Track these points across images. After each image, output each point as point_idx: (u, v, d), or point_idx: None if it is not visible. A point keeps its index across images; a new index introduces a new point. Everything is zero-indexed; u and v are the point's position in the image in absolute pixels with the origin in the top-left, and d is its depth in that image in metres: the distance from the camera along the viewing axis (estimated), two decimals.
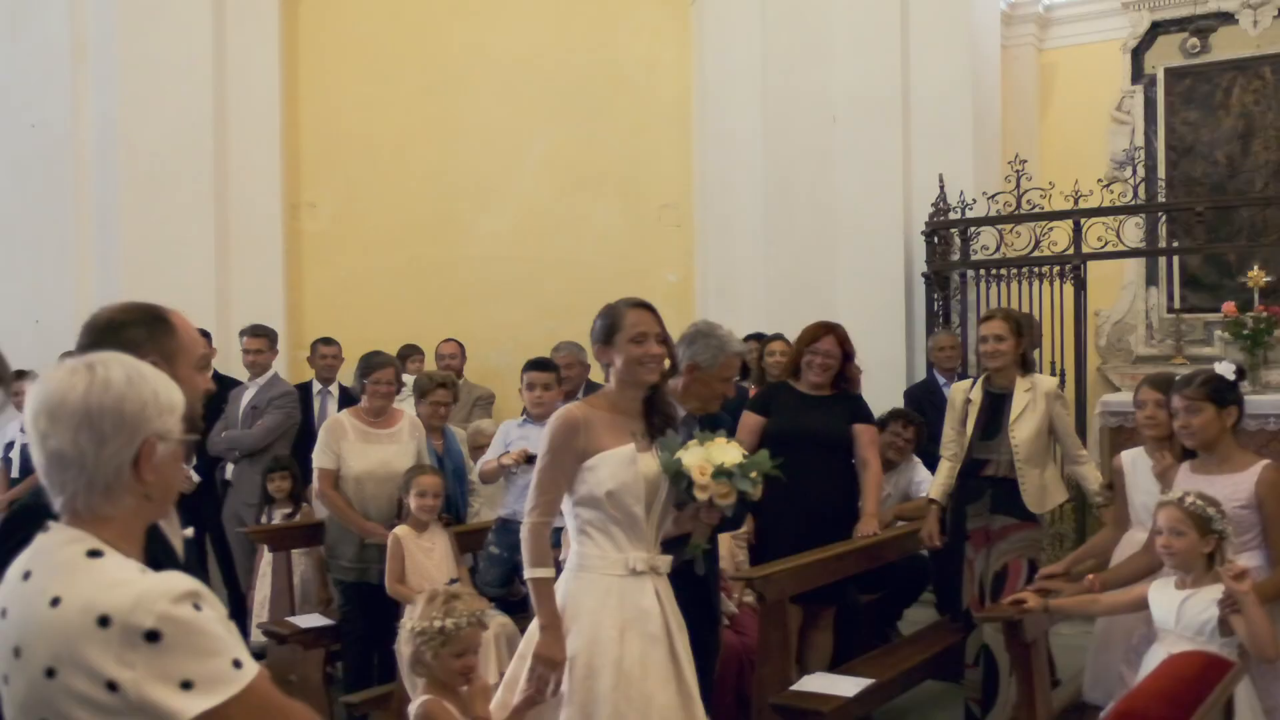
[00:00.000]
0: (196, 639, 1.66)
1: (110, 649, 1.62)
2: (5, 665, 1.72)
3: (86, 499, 1.75)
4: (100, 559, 1.71)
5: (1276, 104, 9.63)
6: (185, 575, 1.73)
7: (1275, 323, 9.07)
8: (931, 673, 5.62)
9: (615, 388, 3.45)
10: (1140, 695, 2.57)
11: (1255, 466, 3.91)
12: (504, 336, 8.92)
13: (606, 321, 3.47)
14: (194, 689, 1.64)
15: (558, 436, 3.33)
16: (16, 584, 1.74)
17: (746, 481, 3.30)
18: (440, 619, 3.12)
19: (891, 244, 8.64)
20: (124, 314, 2.28)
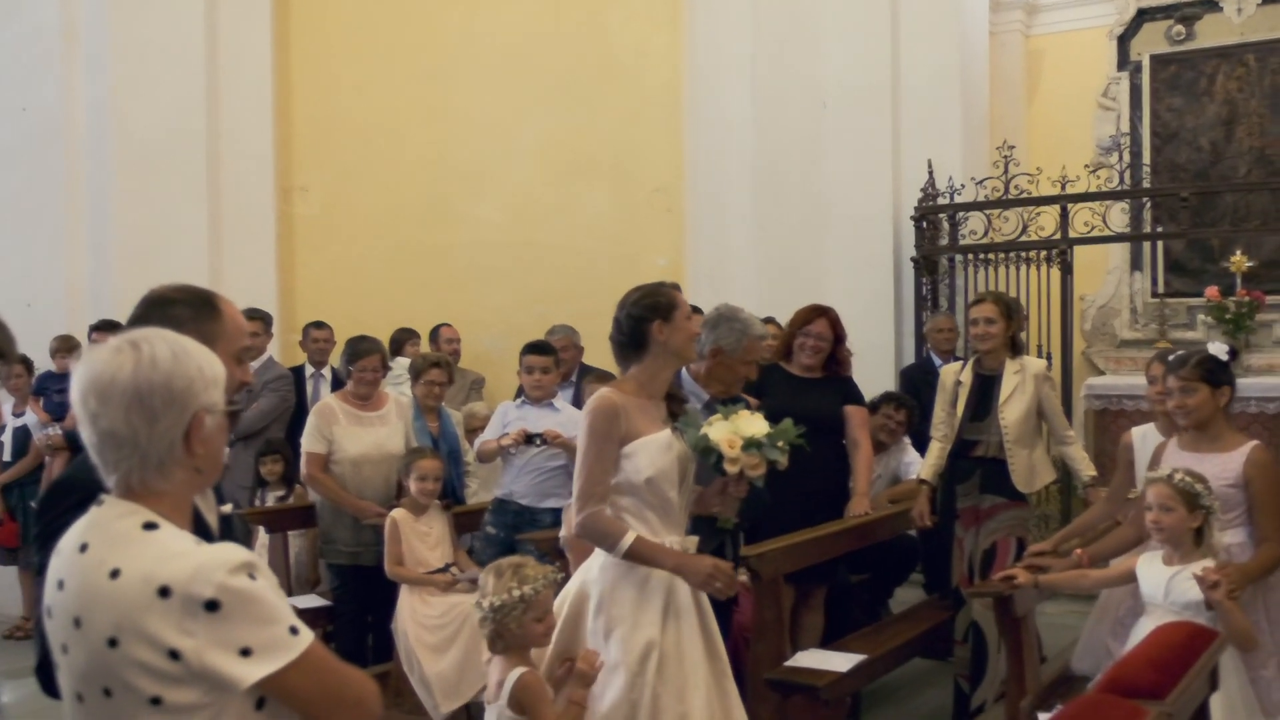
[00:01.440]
0: (254, 608, 1.71)
1: (171, 619, 1.67)
2: (65, 635, 1.76)
3: (141, 475, 1.78)
4: (156, 531, 1.76)
5: (1260, 91, 9.72)
6: (239, 546, 1.78)
7: (1257, 307, 9.20)
8: (920, 650, 5.70)
9: (650, 370, 3.40)
10: (1130, 663, 2.65)
11: (1244, 446, 3.99)
12: (495, 321, 8.95)
13: (662, 300, 3.42)
14: (253, 656, 1.69)
15: (600, 424, 3.28)
16: (73, 556, 1.77)
17: (776, 451, 3.32)
18: (517, 588, 3.11)
19: (881, 229, 8.70)
20: (176, 292, 2.32)
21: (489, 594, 3.15)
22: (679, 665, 3.22)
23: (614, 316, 3.48)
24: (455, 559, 5.45)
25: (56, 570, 1.80)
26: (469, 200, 9.22)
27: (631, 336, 3.40)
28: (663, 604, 3.23)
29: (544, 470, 5.66)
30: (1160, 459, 4.17)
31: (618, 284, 9.42)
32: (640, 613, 3.21)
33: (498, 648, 3.18)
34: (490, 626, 3.16)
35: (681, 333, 3.41)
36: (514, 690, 3.09)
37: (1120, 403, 9.01)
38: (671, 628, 3.23)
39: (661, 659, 3.19)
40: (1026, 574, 4.11)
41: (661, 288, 3.48)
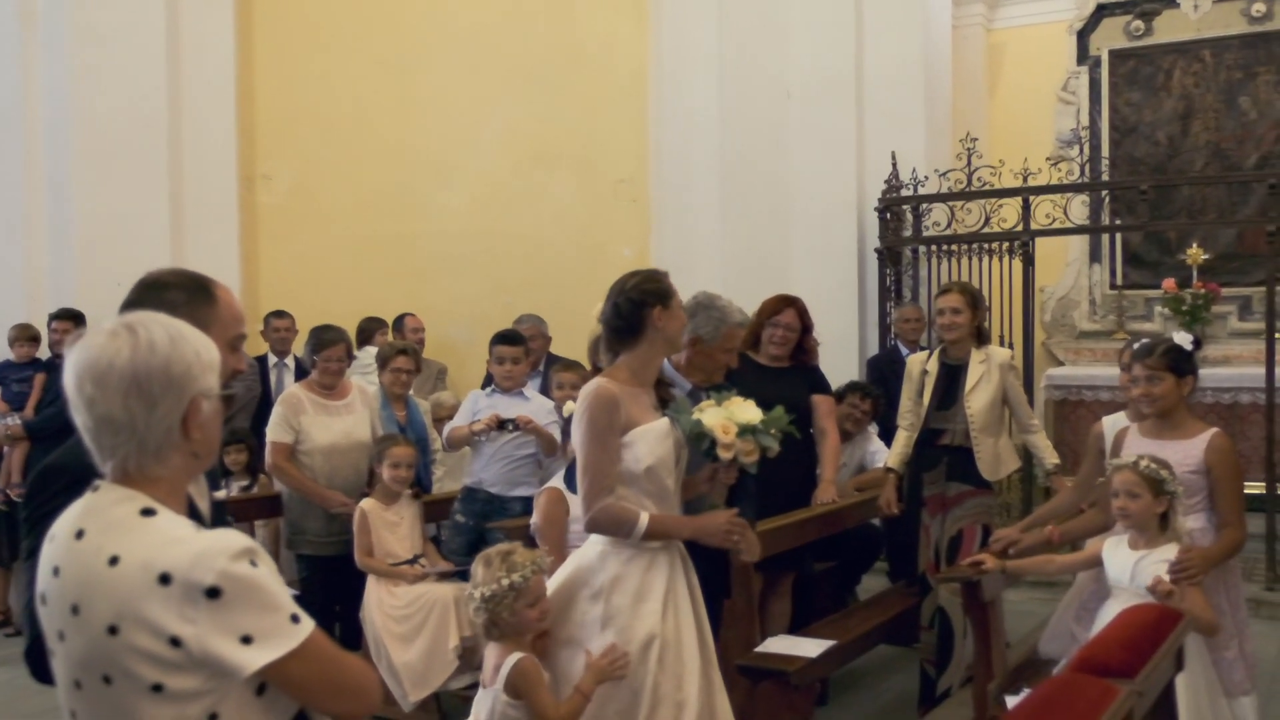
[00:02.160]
0: (255, 595, 1.69)
1: (172, 606, 1.66)
2: (61, 622, 1.74)
3: (138, 461, 1.76)
4: (154, 517, 1.74)
5: (1215, 86, 9.89)
6: (239, 533, 1.76)
7: (1213, 299, 9.36)
8: (886, 637, 5.76)
9: (643, 357, 3.37)
10: (1100, 644, 2.71)
11: (1205, 434, 4.06)
12: (461, 310, 8.93)
13: (662, 286, 3.40)
14: (254, 644, 1.68)
15: (600, 416, 3.23)
16: (69, 542, 1.75)
17: (769, 437, 3.32)
18: (506, 576, 3.10)
19: (845, 220, 8.76)
20: (171, 276, 2.29)
21: (479, 584, 3.13)
22: (677, 654, 3.22)
23: (610, 300, 3.41)
24: (424, 550, 5.44)
25: (51, 557, 1.78)
26: (434, 189, 9.19)
27: (629, 321, 3.35)
28: (664, 594, 3.23)
29: (514, 459, 5.66)
30: (1122, 445, 4.23)
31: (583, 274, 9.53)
32: (642, 603, 3.20)
33: (493, 635, 3.17)
34: (484, 616, 3.14)
35: (677, 320, 3.41)
36: (510, 676, 3.09)
37: (1080, 393, 9.15)
38: (670, 617, 3.23)
39: (662, 648, 3.19)
40: (994, 559, 4.16)
41: (659, 274, 3.44)
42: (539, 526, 4.94)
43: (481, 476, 5.68)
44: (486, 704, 3.15)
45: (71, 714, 1.79)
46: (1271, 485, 7.08)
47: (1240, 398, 8.45)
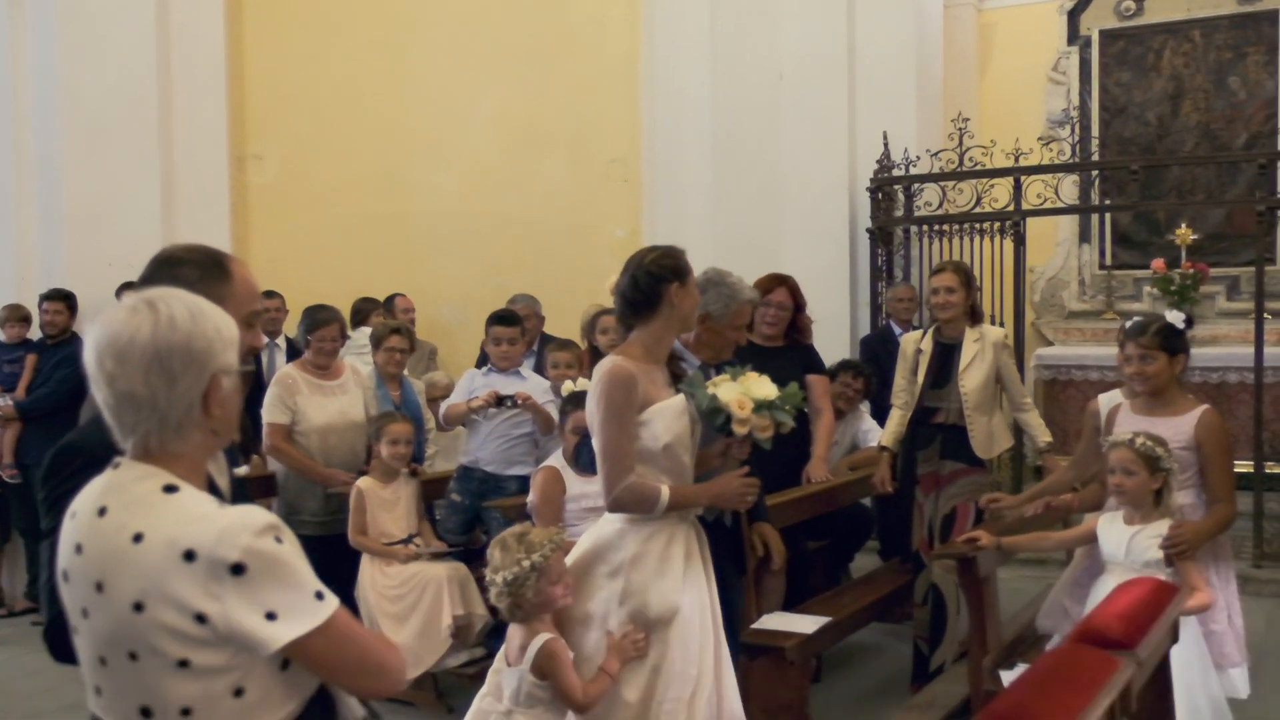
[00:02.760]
0: (280, 571, 1.70)
1: (197, 582, 1.66)
2: (85, 599, 1.74)
3: (159, 437, 1.76)
4: (176, 494, 1.74)
5: (1205, 67, 9.92)
6: (262, 509, 1.76)
7: (1201, 279, 9.41)
8: (878, 615, 5.81)
9: (656, 334, 3.36)
10: (1100, 615, 2.74)
11: (1196, 410, 4.10)
12: (452, 291, 8.93)
13: (681, 263, 3.39)
14: (279, 620, 1.68)
15: (618, 395, 3.21)
16: (91, 520, 1.75)
17: (784, 413, 3.32)
18: (526, 557, 3.09)
19: (837, 200, 8.77)
20: (186, 252, 2.27)
21: (499, 569, 3.12)
22: (692, 630, 3.23)
23: (627, 273, 3.39)
24: (419, 529, 5.45)
25: (72, 534, 1.77)
26: (425, 170, 9.17)
27: (647, 295, 3.33)
28: (682, 570, 3.25)
29: (510, 438, 5.68)
30: (1114, 423, 4.26)
31: (575, 255, 9.52)
32: (661, 579, 3.21)
33: (517, 616, 3.15)
34: (507, 600, 3.13)
35: (692, 299, 3.40)
36: (538, 657, 3.08)
37: (1069, 373, 9.20)
38: (688, 593, 3.25)
39: (680, 624, 3.20)
40: (990, 536, 4.20)
41: (677, 251, 3.42)
42: (535, 505, 4.96)
43: (478, 455, 5.70)
44: (512, 683, 3.14)
45: (96, 690, 1.79)
46: (1259, 464, 7.14)
47: (1228, 377, 8.52)
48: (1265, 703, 4.42)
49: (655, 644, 3.19)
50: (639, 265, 3.37)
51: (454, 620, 5.16)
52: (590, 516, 4.94)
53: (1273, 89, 9.72)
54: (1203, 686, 3.66)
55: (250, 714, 1.74)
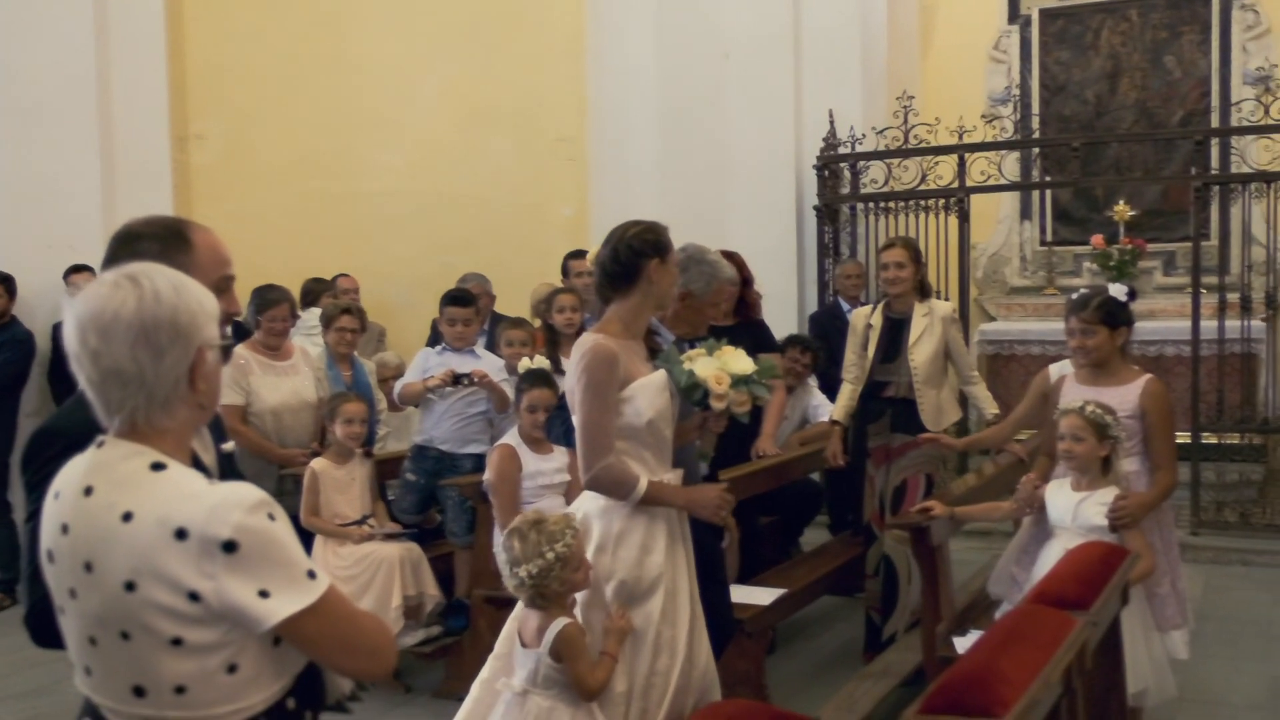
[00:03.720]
0: (272, 549, 1.68)
1: (189, 560, 1.64)
2: (73, 579, 1.72)
3: (147, 414, 1.73)
4: (165, 471, 1.72)
5: (1141, 46, 10.10)
6: (253, 485, 1.74)
7: (1139, 254, 9.60)
8: (830, 588, 5.89)
9: (634, 309, 3.36)
10: (1056, 578, 2.82)
11: (1140, 380, 4.21)
12: (399, 270, 8.87)
13: (662, 240, 3.38)
14: (272, 597, 1.67)
15: (600, 373, 3.21)
16: (77, 500, 1.72)
17: (761, 388, 3.34)
18: (549, 549, 3.05)
19: (783, 178, 8.82)
20: (143, 226, 2.21)
21: (521, 562, 3.06)
22: (675, 602, 3.28)
23: (608, 245, 3.38)
24: (374, 510, 5.43)
25: (57, 515, 1.75)
26: (371, 148, 9.09)
27: (626, 269, 3.33)
28: (666, 545, 3.27)
29: (465, 416, 5.66)
30: (1060, 393, 4.35)
31: (523, 233, 9.48)
32: (648, 555, 3.24)
33: (538, 605, 3.11)
34: (529, 592, 3.09)
35: (670, 277, 3.40)
36: (556, 641, 3.06)
37: (1011, 347, 9.36)
38: (669, 566, 3.28)
39: (665, 596, 3.24)
40: (943, 506, 4.28)
41: (660, 227, 3.42)
42: (492, 483, 4.97)
43: (432, 434, 5.68)
44: (529, 665, 3.12)
45: (86, 670, 1.77)
46: (1196, 434, 7.33)
47: (1165, 350, 8.70)
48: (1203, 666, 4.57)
49: (640, 616, 3.21)
50: (620, 238, 3.37)
51: (404, 601, 5.16)
52: (547, 494, 4.99)
53: (1206, 68, 9.93)
54: (1145, 647, 3.78)
55: (243, 690, 1.73)
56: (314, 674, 1.88)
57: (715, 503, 3.33)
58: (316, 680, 1.90)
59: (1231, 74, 9.83)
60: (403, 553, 5.19)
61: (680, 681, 3.24)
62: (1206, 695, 4.66)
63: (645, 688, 3.19)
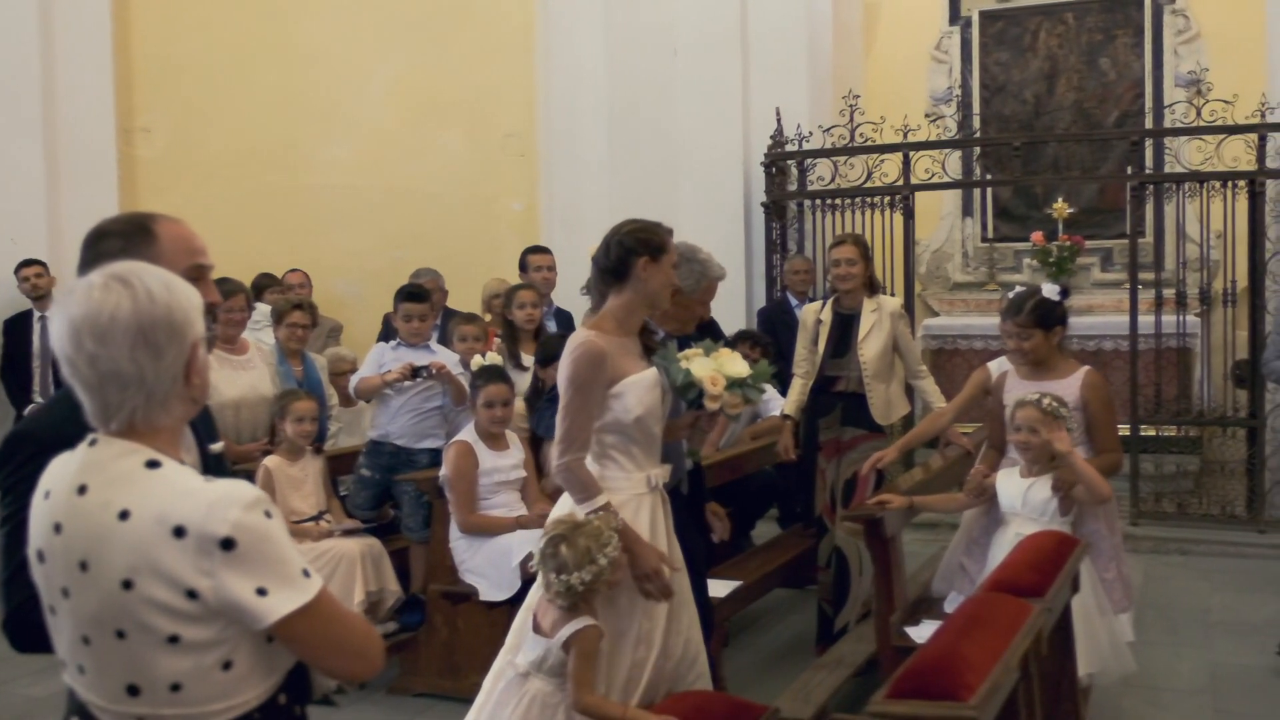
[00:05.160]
0: (269, 546, 1.68)
1: (188, 558, 1.64)
2: (66, 579, 1.71)
3: (145, 413, 1.73)
4: (160, 469, 1.71)
5: (1078, 48, 10.33)
6: (248, 483, 1.75)
7: (1077, 251, 9.82)
8: (782, 580, 5.98)
9: (626, 306, 3.40)
10: (1010, 567, 2.92)
11: (1079, 372, 4.36)
12: (350, 265, 8.84)
13: (655, 239, 3.41)
14: (269, 595, 1.67)
15: (585, 370, 3.26)
16: (70, 498, 1.71)
17: (755, 391, 3.42)
18: (599, 553, 3.04)
19: (731, 174, 8.91)
20: (109, 224, 2.19)
21: (572, 569, 3.05)
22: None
23: (604, 240, 3.43)
24: (328, 506, 5.42)
25: (48, 514, 1.74)
26: (320, 142, 9.03)
27: (616, 265, 3.38)
28: (649, 536, 3.31)
29: (421, 411, 5.66)
30: (1003, 389, 4.47)
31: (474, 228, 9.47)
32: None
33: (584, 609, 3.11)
34: (572, 599, 3.08)
35: (661, 276, 3.42)
36: (574, 638, 3.07)
37: (955, 342, 9.52)
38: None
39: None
40: (900, 498, 4.37)
41: (659, 227, 3.46)
42: (448, 479, 4.99)
43: (388, 429, 5.67)
44: (537, 650, 3.15)
45: (79, 669, 1.76)
46: (1135, 426, 7.53)
47: (1104, 344, 8.91)
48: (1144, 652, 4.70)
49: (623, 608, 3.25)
50: (614, 234, 3.42)
51: (366, 597, 5.15)
52: (503, 490, 5.03)
53: (1140, 70, 10.18)
54: (1104, 628, 3.90)
55: (237, 687, 1.74)
56: (302, 669, 1.90)
57: (649, 568, 3.24)
58: (304, 676, 1.92)
59: (1164, 76, 10.08)
60: (363, 548, 5.19)
61: (653, 675, 3.29)
62: (1149, 681, 4.80)
63: (625, 681, 3.24)
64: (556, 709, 3.13)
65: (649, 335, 3.54)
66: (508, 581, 4.82)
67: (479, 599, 4.95)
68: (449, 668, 5.10)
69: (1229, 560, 6.95)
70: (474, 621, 5.02)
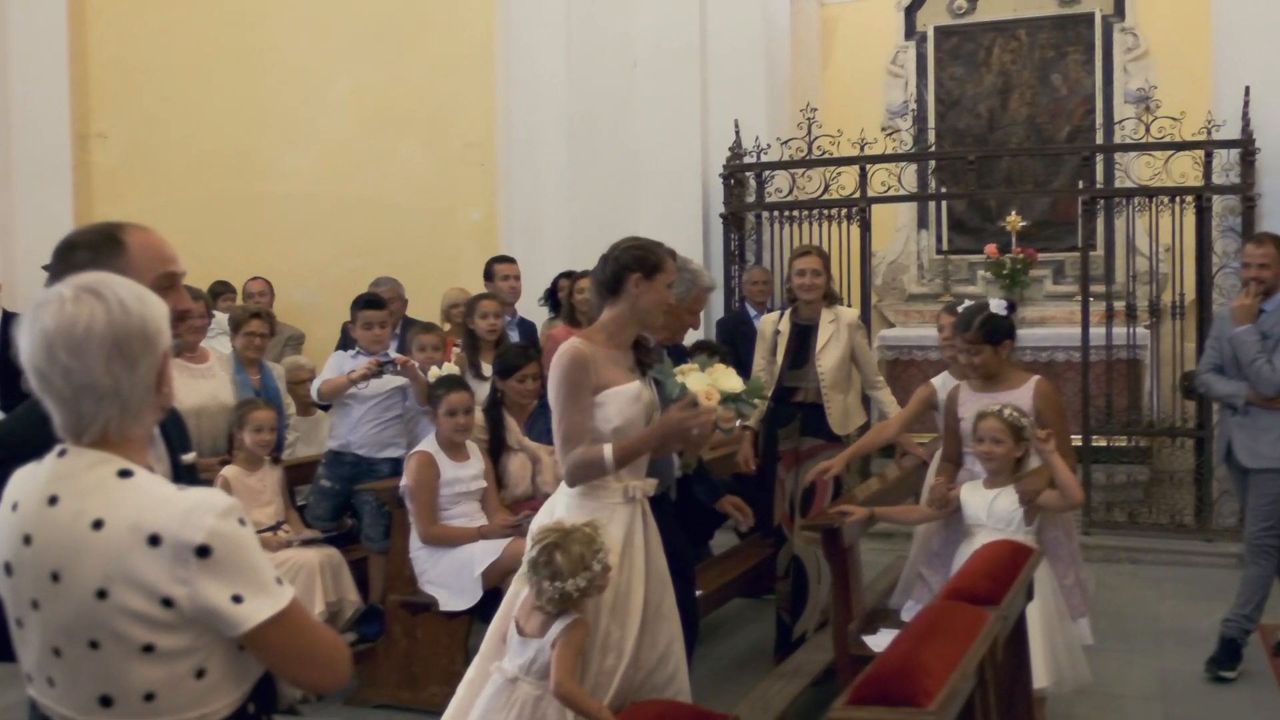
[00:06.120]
0: (243, 554, 1.69)
1: (163, 566, 1.65)
2: (37, 590, 1.70)
3: (119, 424, 1.73)
4: (132, 478, 1.71)
5: (1030, 64, 10.50)
6: (222, 491, 1.76)
7: (1030, 264, 9.98)
8: (741, 590, 6.01)
9: (619, 320, 3.49)
10: (967, 575, 2.98)
11: (1030, 382, 4.43)
12: (308, 274, 8.80)
13: (650, 258, 3.47)
14: (244, 603, 1.68)
15: (573, 374, 3.35)
16: (41, 509, 1.71)
17: (748, 406, 3.48)
18: (590, 559, 3.08)
19: (690, 186, 8.97)
20: (77, 235, 2.18)
21: (567, 576, 3.08)
22: (625, 605, 3.35)
23: (603, 254, 3.54)
24: (287, 517, 5.39)
25: (17, 526, 1.73)
26: (279, 150, 8.99)
27: (611, 279, 3.48)
28: (620, 547, 3.35)
29: (382, 421, 5.65)
30: (957, 402, 4.54)
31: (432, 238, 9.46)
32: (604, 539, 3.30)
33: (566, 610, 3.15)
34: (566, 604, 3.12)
35: (653, 295, 3.47)
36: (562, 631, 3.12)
37: (910, 353, 9.63)
38: (625, 570, 3.36)
39: (614, 597, 3.31)
40: (862, 509, 4.42)
41: (658, 247, 3.54)
42: (410, 489, 4.98)
43: (349, 439, 5.65)
44: (526, 653, 3.18)
45: (49, 681, 1.75)
46: (1087, 437, 7.65)
47: (1056, 355, 9.04)
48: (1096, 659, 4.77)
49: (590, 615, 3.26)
50: (613, 250, 3.52)
51: (326, 607, 5.13)
52: (463, 500, 5.02)
53: (1091, 86, 10.35)
54: (1062, 634, 3.97)
55: (210, 695, 1.74)
56: (269, 679, 1.90)
57: (679, 421, 3.32)
58: (271, 685, 1.92)
59: (1114, 93, 10.27)
60: (323, 558, 5.17)
61: (621, 684, 3.31)
62: (1101, 688, 4.88)
63: (593, 687, 3.26)
64: (546, 711, 3.15)
65: (644, 351, 3.58)
66: (469, 591, 4.82)
67: (438, 609, 4.94)
68: (408, 679, 5.08)
69: (1178, 569, 7.08)
70: (433, 632, 5.01)
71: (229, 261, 8.18)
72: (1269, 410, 5.18)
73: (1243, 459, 5.29)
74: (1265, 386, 5.13)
